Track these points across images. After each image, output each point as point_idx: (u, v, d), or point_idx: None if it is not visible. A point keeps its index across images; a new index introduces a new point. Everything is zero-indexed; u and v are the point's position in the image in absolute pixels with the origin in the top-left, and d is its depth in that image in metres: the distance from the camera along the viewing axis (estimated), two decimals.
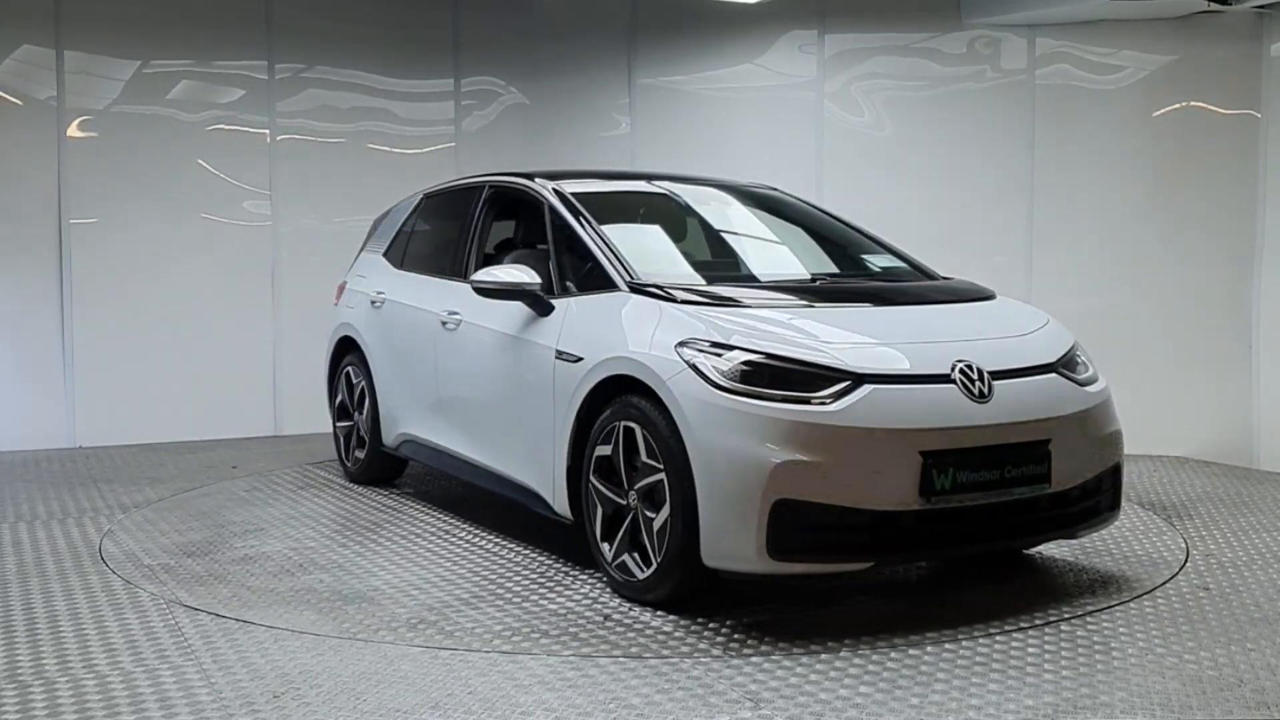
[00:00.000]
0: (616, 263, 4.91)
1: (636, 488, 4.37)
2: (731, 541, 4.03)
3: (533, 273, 5.09)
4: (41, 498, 6.39)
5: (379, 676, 3.69)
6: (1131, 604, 4.48)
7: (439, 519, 5.88)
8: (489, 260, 5.79)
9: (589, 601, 4.49)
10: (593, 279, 4.97)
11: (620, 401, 4.45)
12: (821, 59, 8.38)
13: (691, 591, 4.31)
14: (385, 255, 6.80)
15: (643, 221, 5.71)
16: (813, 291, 4.91)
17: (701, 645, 3.97)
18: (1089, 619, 4.29)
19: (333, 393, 7.04)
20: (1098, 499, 4.62)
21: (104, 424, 7.99)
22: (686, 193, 5.93)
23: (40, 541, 5.43)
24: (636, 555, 4.40)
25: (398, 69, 8.88)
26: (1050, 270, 7.90)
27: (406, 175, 8.88)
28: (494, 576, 4.84)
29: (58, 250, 7.92)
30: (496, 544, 5.36)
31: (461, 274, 5.82)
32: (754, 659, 3.85)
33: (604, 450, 4.51)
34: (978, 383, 4.25)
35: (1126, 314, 7.73)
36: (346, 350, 6.84)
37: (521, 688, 3.59)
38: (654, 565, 4.30)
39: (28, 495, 6.46)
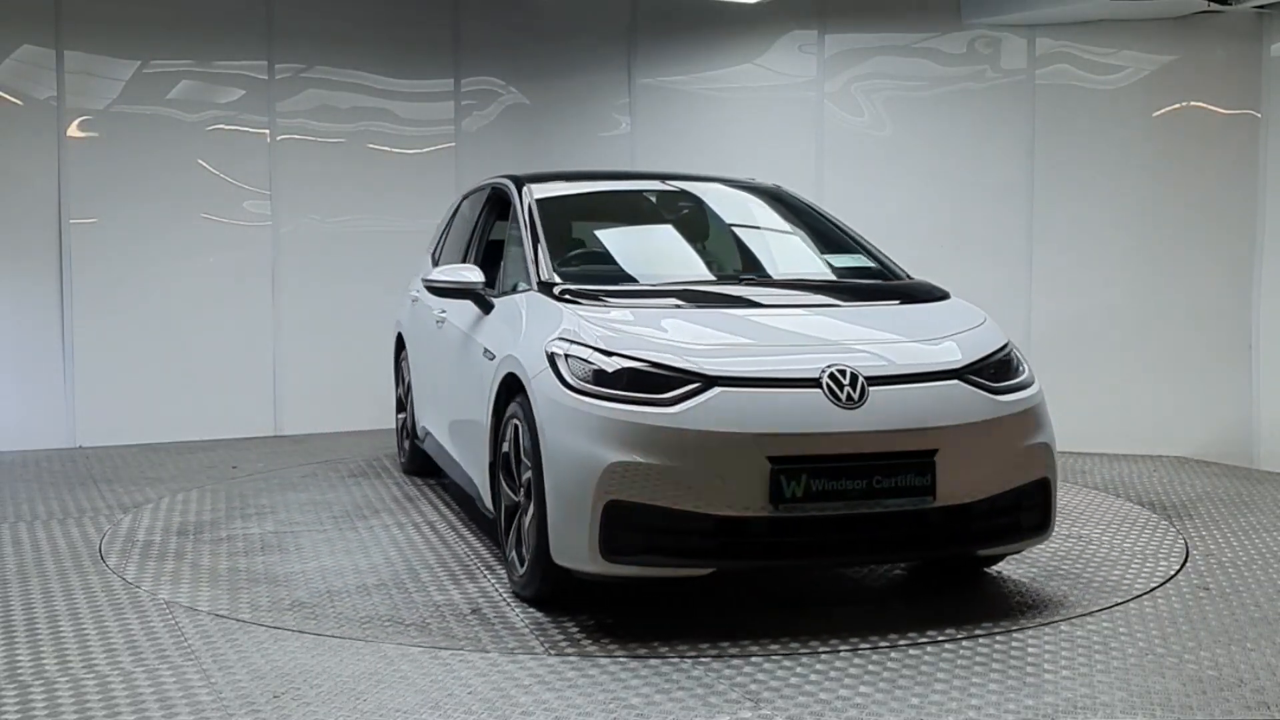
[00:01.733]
0: (535, 262, 4.96)
1: (521, 484, 4.42)
2: (571, 540, 4.02)
3: (478, 272, 5.21)
4: (41, 498, 6.39)
5: (379, 676, 3.69)
6: (1131, 604, 4.48)
7: (435, 511, 5.90)
8: (486, 259, 5.85)
9: (478, 595, 4.56)
10: (521, 278, 5.08)
11: (514, 400, 4.51)
12: (821, 59, 8.38)
13: (556, 589, 4.29)
14: (430, 253, 7.00)
15: (606, 222, 5.74)
16: (724, 292, 4.85)
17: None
18: (1089, 619, 4.29)
19: (396, 386, 7.34)
20: (1015, 516, 4.32)
21: (104, 424, 7.99)
22: (666, 193, 5.94)
23: (40, 541, 5.43)
24: (520, 551, 4.46)
25: (398, 69, 8.87)
26: (1050, 270, 7.90)
27: (406, 175, 8.89)
28: (415, 567, 4.98)
29: (58, 250, 7.92)
30: (458, 537, 5.47)
31: None
32: (754, 659, 3.85)
33: (506, 447, 4.58)
34: (846, 388, 4.06)
35: (1126, 313, 7.73)
36: (401, 346, 7.13)
37: (522, 687, 3.59)
38: (525, 562, 4.36)
39: (28, 495, 6.46)
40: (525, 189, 5.57)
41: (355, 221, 8.74)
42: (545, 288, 4.76)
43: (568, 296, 4.62)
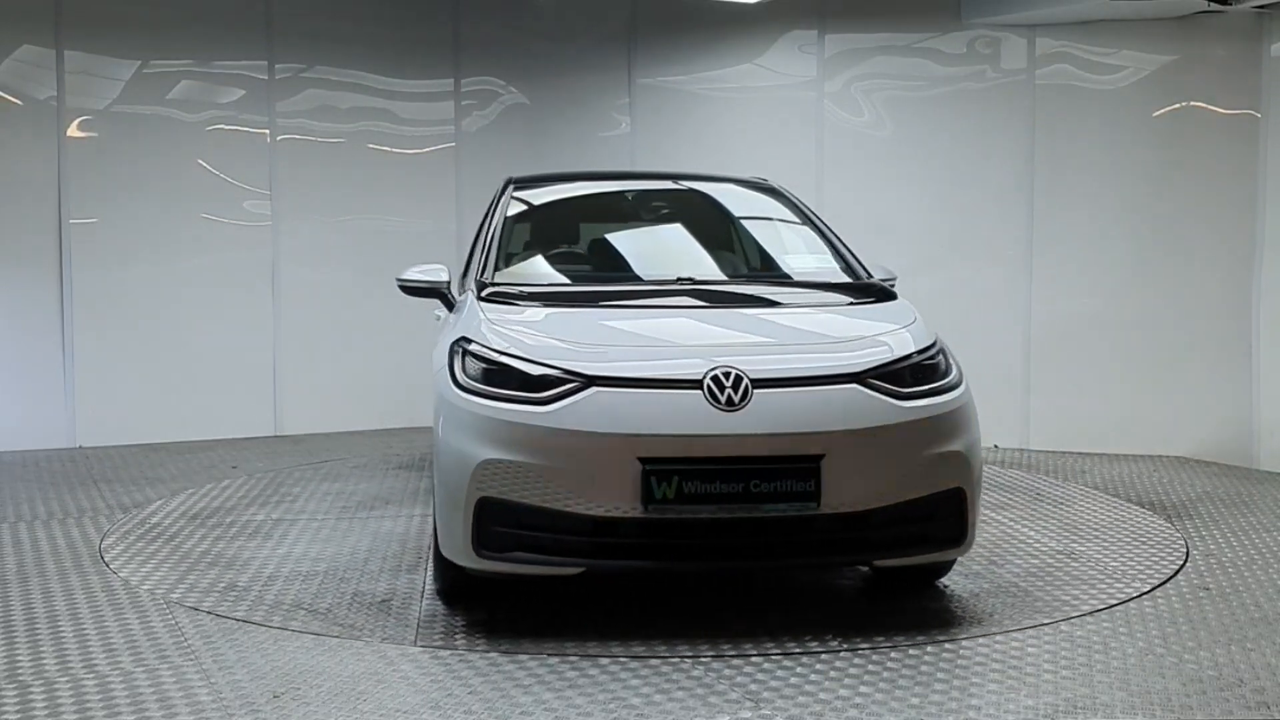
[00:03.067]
0: (481, 263, 5.06)
1: None
2: (452, 536, 4.08)
3: (445, 271, 5.24)
4: (41, 498, 6.39)
5: (379, 676, 3.69)
6: (1131, 604, 4.48)
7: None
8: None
9: (405, 587, 4.69)
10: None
11: None
12: (821, 59, 8.38)
13: (454, 584, 4.36)
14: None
15: (580, 224, 5.78)
16: (650, 294, 4.87)
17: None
18: (1089, 619, 4.29)
19: None
20: (922, 527, 4.15)
21: (104, 424, 7.99)
22: (651, 193, 5.95)
23: (40, 541, 5.43)
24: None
25: (398, 69, 8.88)
26: (1050, 269, 7.90)
27: (406, 175, 8.90)
28: (370, 558, 5.11)
29: (58, 250, 7.92)
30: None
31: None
32: (754, 659, 3.85)
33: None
34: (727, 390, 3.98)
35: (1126, 313, 7.73)
36: None
37: (522, 687, 3.59)
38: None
39: (28, 495, 6.46)
40: (509, 189, 5.65)
41: (355, 221, 8.74)
42: (478, 288, 4.83)
43: (490, 297, 4.68)
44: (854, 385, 4.09)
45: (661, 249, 5.59)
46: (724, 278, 5.19)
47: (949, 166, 8.13)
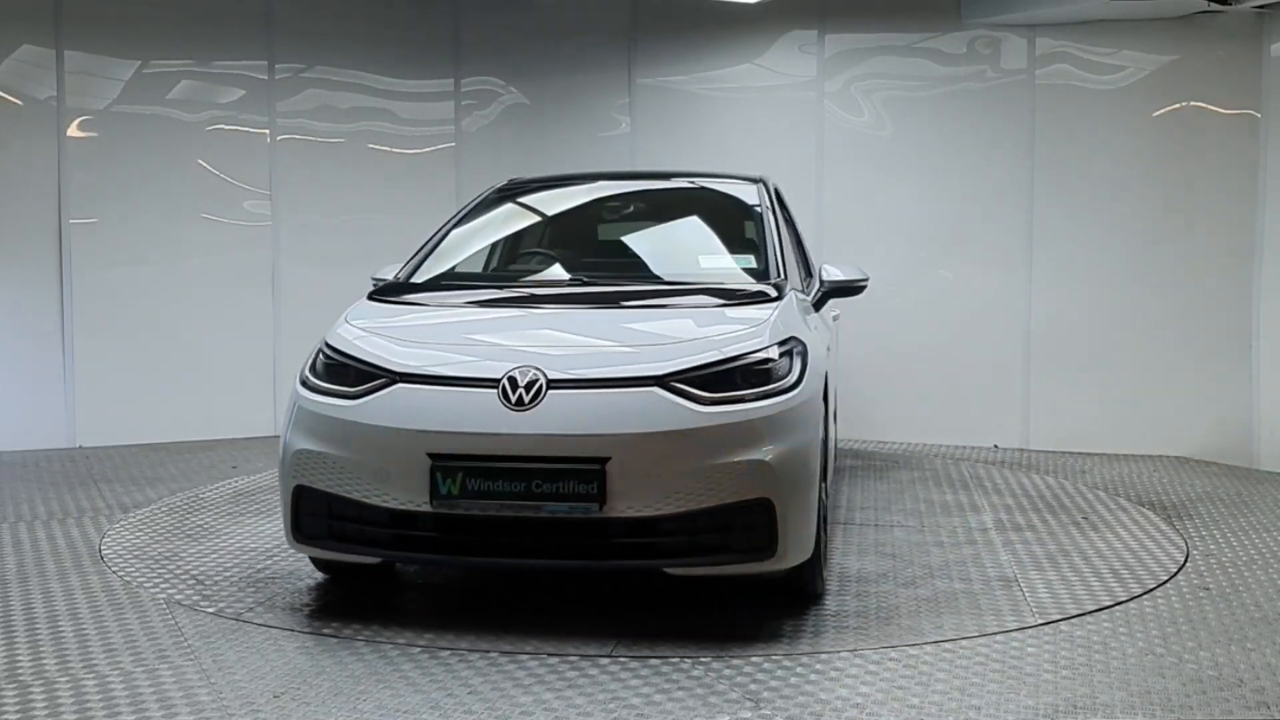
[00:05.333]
0: (411, 261, 5.28)
1: None
2: (282, 523, 4.38)
3: (392, 270, 5.35)
4: (41, 498, 6.39)
5: (379, 676, 3.69)
6: (1131, 604, 4.48)
7: None
8: None
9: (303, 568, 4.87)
10: None
11: None
12: (821, 59, 8.38)
13: (317, 567, 4.70)
14: None
15: (543, 226, 5.87)
16: (522, 298, 4.98)
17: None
18: (1089, 619, 4.29)
19: None
20: (722, 536, 4.01)
21: (104, 424, 7.99)
22: (624, 194, 5.99)
23: (40, 541, 5.43)
24: None
25: (398, 69, 8.88)
26: (1050, 269, 7.90)
27: (406, 175, 8.90)
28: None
29: (58, 250, 7.92)
30: None
31: None
32: (754, 659, 3.85)
33: None
34: (519, 391, 4.02)
35: (1126, 313, 7.74)
36: None
37: (522, 687, 3.59)
38: None
39: (28, 495, 6.46)
40: (487, 194, 5.85)
41: (355, 221, 8.74)
42: (372, 286, 5.04)
43: (374, 296, 4.90)
44: (653, 389, 4.02)
45: (587, 251, 5.63)
46: (620, 279, 5.18)
47: (949, 166, 8.14)
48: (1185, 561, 5.11)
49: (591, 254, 5.58)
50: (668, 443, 3.94)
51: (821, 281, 5.39)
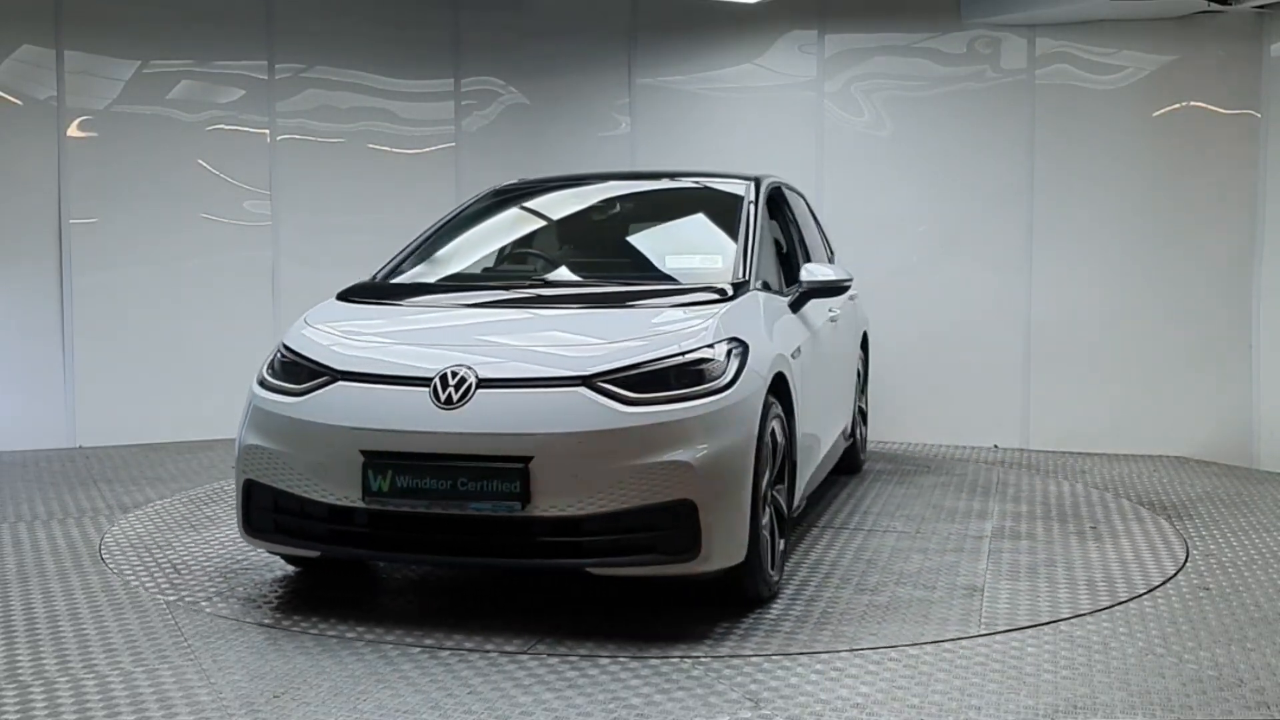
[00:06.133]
0: (389, 263, 5.38)
1: None
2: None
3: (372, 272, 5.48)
4: (41, 498, 6.39)
5: (379, 676, 3.69)
6: (1131, 604, 4.48)
7: None
8: None
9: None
10: None
11: None
12: (821, 59, 8.38)
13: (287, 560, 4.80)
14: None
15: (526, 227, 5.88)
16: (481, 301, 4.92)
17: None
18: (1089, 619, 4.29)
19: None
20: (645, 537, 3.98)
21: (104, 424, 7.99)
22: (613, 196, 5.99)
23: (40, 541, 5.43)
24: None
25: (398, 69, 8.88)
26: (1050, 269, 7.91)
27: (406, 175, 8.90)
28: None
29: (58, 250, 7.92)
30: None
31: None
32: (754, 659, 3.85)
33: None
34: (448, 389, 4.07)
35: (1126, 313, 7.74)
36: None
37: (522, 687, 3.59)
38: None
39: (28, 495, 6.46)
40: (481, 195, 5.93)
41: (355, 221, 8.74)
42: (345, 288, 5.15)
43: (343, 296, 4.99)
44: (579, 389, 4.04)
45: (559, 253, 5.63)
46: (584, 280, 5.18)
47: (949, 166, 8.14)
48: (1185, 561, 5.11)
49: (563, 256, 5.60)
50: (590, 443, 3.95)
51: (800, 282, 5.29)
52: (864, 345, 7.26)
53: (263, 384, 4.47)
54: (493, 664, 3.80)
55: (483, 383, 4.08)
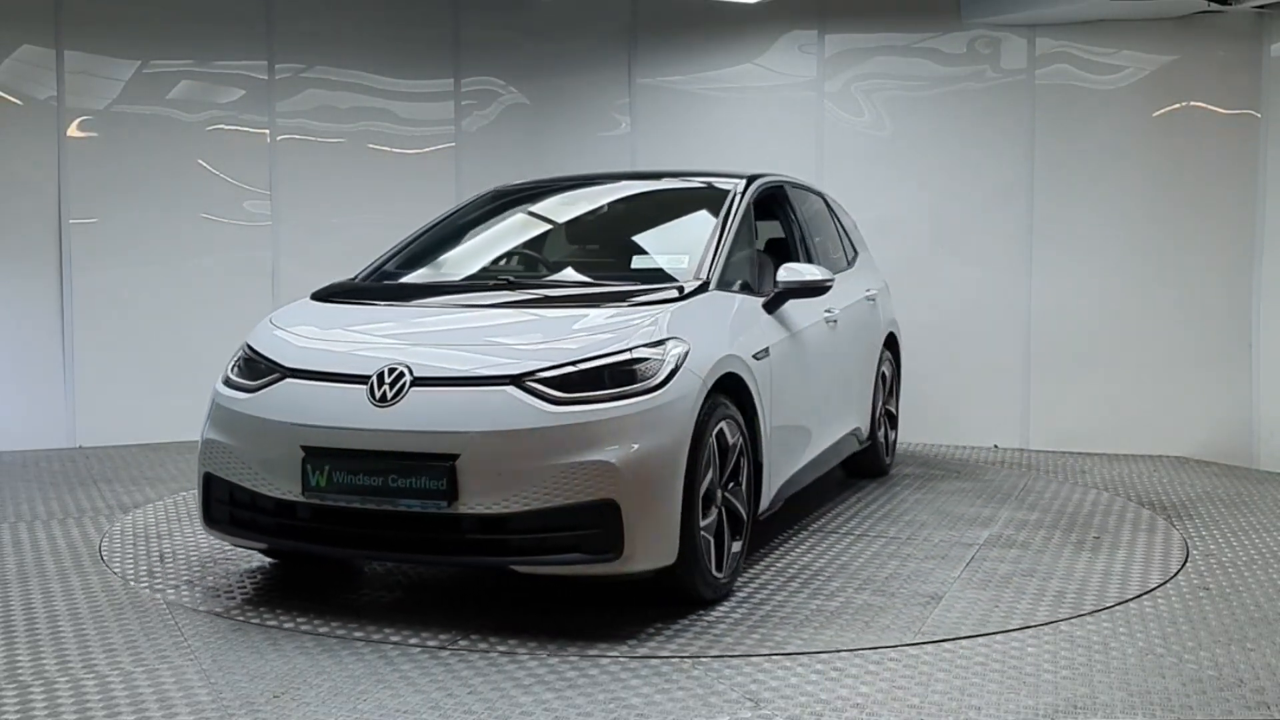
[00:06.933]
0: (373, 264, 5.51)
1: None
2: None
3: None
4: (41, 498, 6.39)
5: (379, 676, 3.69)
6: (1131, 604, 4.48)
7: None
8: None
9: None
10: None
11: None
12: (821, 59, 8.38)
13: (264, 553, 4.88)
14: None
15: (514, 228, 5.90)
16: (442, 301, 4.97)
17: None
18: (1089, 619, 4.29)
19: None
20: (569, 536, 3.99)
21: (104, 424, 7.99)
22: (604, 196, 6.04)
23: (40, 541, 5.43)
24: None
25: (398, 69, 8.88)
26: (1050, 270, 7.91)
27: (406, 175, 8.89)
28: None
29: (58, 250, 7.92)
30: None
31: None
32: (754, 659, 3.85)
33: None
34: (382, 387, 4.15)
35: (1127, 313, 7.74)
36: None
37: (522, 687, 3.59)
38: None
39: (28, 495, 6.46)
40: (477, 197, 6.04)
41: (355, 221, 8.73)
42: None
43: (316, 295, 5.10)
44: (508, 388, 4.07)
45: (533, 254, 5.64)
46: (547, 281, 5.19)
47: (949, 166, 8.14)
48: (1185, 561, 5.11)
49: (537, 257, 5.62)
50: (515, 441, 3.98)
51: (776, 283, 5.19)
52: (890, 346, 7.13)
53: (226, 381, 4.60)
54: (493, 664, 3.80)
55: (417, 381, 4.15)
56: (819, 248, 6.31)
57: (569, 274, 5.31)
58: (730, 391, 4.52)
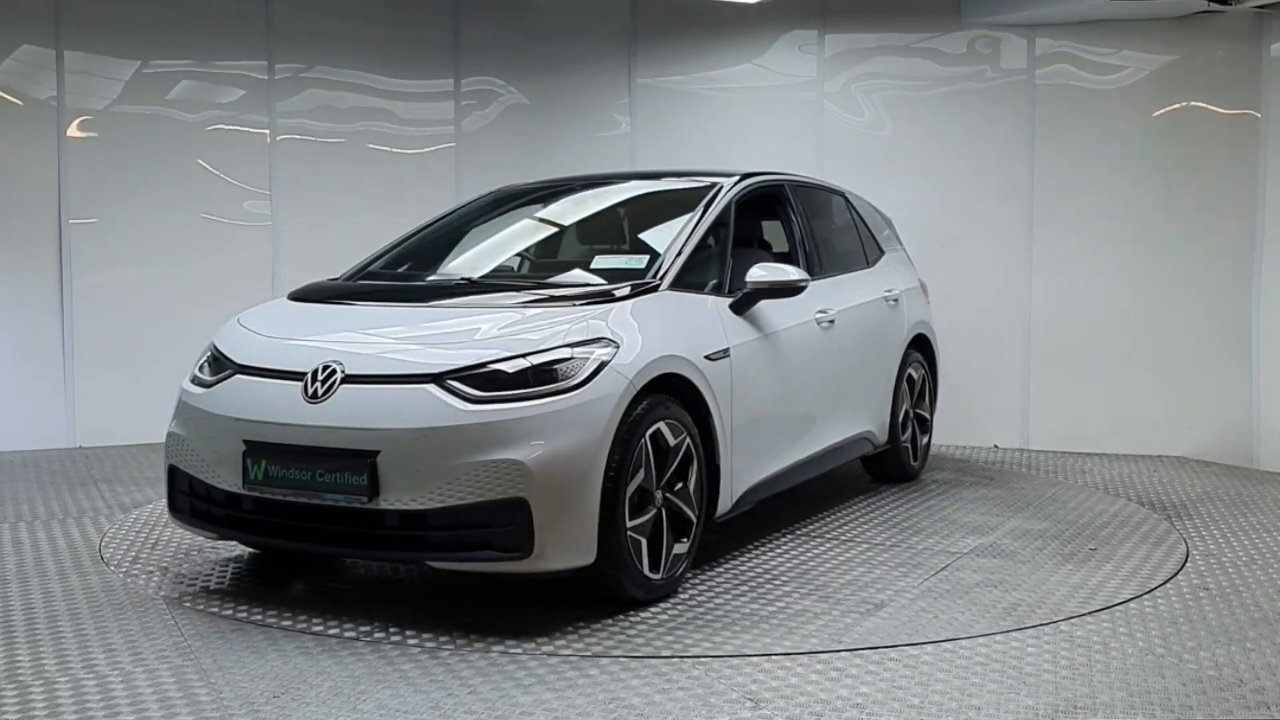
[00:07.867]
0: (357, 265, 5.65)
1: None
2: None
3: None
4: (41, 498, 6.39)
5: (379, 676, 3.69)
6: (1131, 604, 4.48)
7: None
8: None
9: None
10: None
11: None
12: (821, 59, 8.38)
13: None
14: None
15: (496, 229, 5.93)
16: (403, 299, 5.07)
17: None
18: (1089, 619, 4.29)
19: None
20: (482, 533, 4.03)
21: (104, 424, 7.99)
22: (594, 197, 6.06)
23: (40, 541, 5.43)
24: None
25: (398, 69, 8.88)
26: (1050, 270, 7.91)
27: (406, 175, 8.89)
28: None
29: (58, 250, 7.92)
30: None
31: None
32: (754, 659, 3.85)
33: None
34: (315, 384, 4.27)
35: (1127, 313, 7.74)
36: None
37: (522, 687, 3.59)
38: None
39: (28, 495, 6.46)
40: (477, 199, 6.15)
41: (355, 221, 8.73)
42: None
43: (292, 295, 5.25)
44: (428, 386, 4.14)
45: (506, 254, 5.72)
46: (502, 282, 5.22)
47: (949, 166, 8.14)
48: (1185, 561, 5.11)
49: (507, 259, 5.68)
50: (430, 439, 4.05)
51: (744, 283, 5.11)
52: (920, 347, 7.02)
53: (193, 378, 4.76)
54: (493, 664, 3.80)
55: (347, 378, 4.24)
56: (825, 248, 6.21)
57: (527, 276, 5.46)
58: (680, 392, 4.51)
